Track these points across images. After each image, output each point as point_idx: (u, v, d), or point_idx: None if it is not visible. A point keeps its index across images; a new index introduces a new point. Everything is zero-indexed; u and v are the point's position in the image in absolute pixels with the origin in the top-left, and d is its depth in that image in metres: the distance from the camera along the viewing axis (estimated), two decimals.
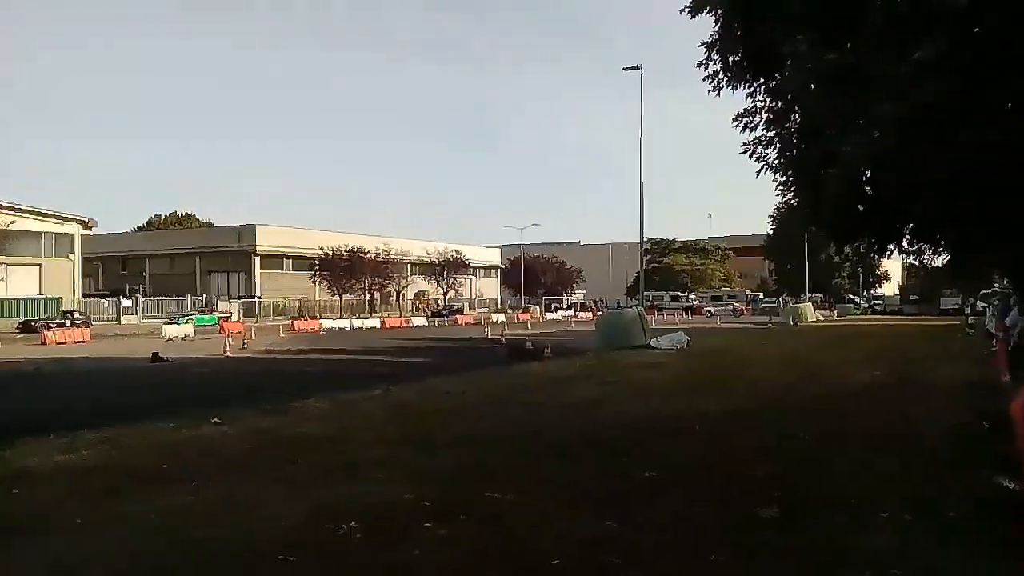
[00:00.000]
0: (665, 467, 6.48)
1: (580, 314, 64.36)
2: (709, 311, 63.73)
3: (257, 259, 66.44)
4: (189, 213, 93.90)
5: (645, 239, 33.48)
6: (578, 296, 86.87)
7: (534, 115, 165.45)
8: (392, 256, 65.88)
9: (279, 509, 5.29)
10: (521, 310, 68.60)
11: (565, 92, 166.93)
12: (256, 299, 61.81)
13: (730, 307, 66.91)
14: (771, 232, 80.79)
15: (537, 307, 73.13)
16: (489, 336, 35.02)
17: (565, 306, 76.92)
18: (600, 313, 43.74)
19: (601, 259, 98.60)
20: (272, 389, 14.03)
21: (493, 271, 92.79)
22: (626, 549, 4.38)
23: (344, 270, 61.24)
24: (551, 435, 8.35)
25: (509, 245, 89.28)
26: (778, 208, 71.50)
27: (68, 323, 40.32)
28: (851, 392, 12.23)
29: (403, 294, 69.06)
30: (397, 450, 7.49)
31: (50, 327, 36.56)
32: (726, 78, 8.42)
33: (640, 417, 9.59)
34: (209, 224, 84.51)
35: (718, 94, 8.53)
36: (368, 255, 62.32)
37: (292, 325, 46.37)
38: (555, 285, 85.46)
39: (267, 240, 66.38)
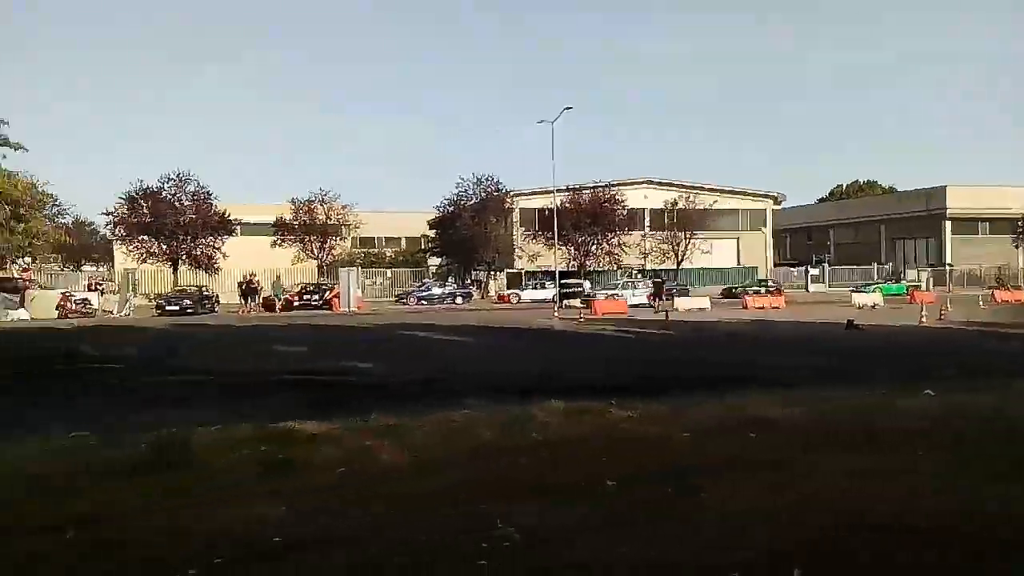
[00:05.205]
0: None
1: None
2: None
3: (947, 223, 60.99)
4: (871, 180, 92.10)
5: None
6: None
7: None
8: None
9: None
10: None
11: None
12: (946, 267, 56.92)
13: None
14: None
15: None
16: None
17: None
18: None
19: None
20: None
21: None
22: None
23: None
24: None
25: None
26: None
27: (763, 290, 44.62)
28: None
29: None
30: None
31: (748, 293, 41.31)
32: None
33: None
34: (892, 189, 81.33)
35: None
36: None
37: (992, 295, 41.18)
38: None
39: (959, 202, 60.24)
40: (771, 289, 45.92)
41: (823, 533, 4.05)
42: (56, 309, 33.81)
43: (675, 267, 52.83)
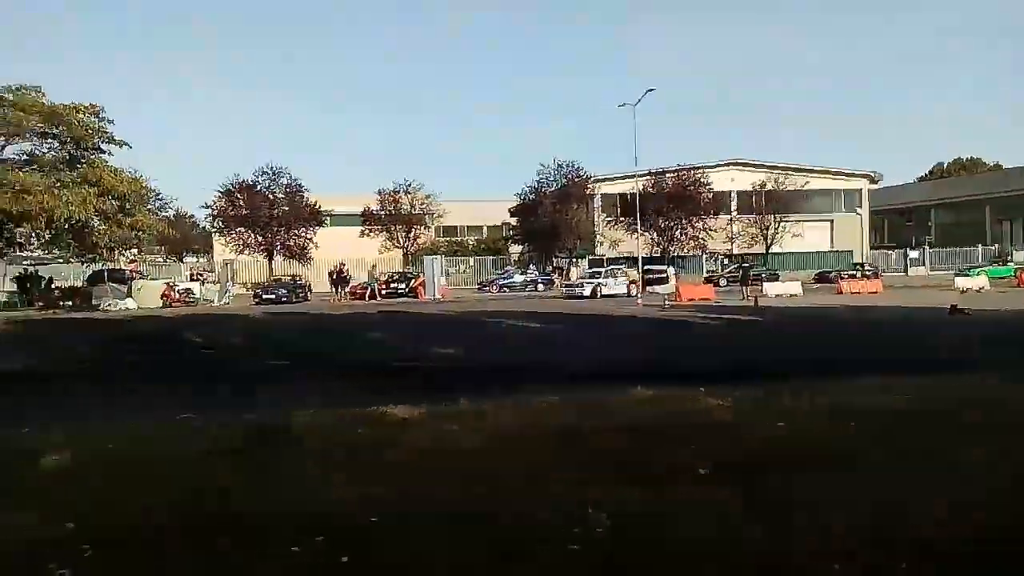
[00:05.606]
0: None
1: None
2: None
3: None
4: (974, 158, 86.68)
5: None
6: None
7: None
8: None
9: None
10: None
11: None
12: None
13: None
14: None
15: None
16: None
17: None
18: None
19: None
20: None
21: None
22: None
23: None
24: None
25: None
26: None
27: (859, 274, 42.75)
28: None
29: None
30: None
31: (843, 278, 39.66)
32: None
33: None
34: (998, 167, 76.26)
35: None
36: None
37: None
38: None
39: None
40: (867, 273, 43.96)
41: (918, 521, 3.90)
42: (161, 298, 35.79)
43: (764, 251, 51.26)
